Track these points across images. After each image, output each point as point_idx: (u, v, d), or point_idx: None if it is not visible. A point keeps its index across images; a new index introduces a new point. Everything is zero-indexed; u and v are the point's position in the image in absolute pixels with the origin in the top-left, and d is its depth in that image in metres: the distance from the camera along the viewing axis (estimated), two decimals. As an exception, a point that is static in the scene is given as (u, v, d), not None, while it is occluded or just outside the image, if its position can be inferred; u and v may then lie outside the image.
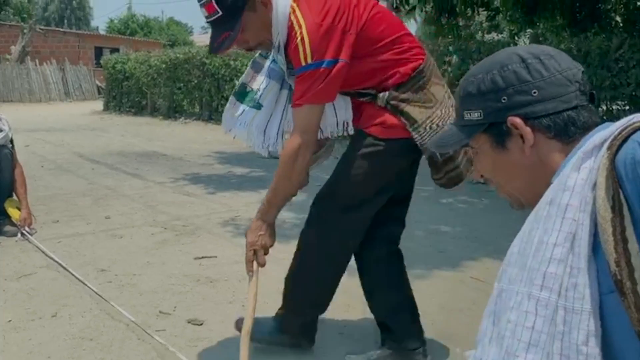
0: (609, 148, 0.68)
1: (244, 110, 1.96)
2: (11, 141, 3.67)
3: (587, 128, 0.79)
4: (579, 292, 0.68)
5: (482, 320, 0.77)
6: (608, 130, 0.72)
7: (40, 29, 22.10)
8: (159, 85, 12.67)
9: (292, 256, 3.04)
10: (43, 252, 3.14)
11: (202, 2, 1.68)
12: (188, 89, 12.02)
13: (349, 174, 1.84)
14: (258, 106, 1.94)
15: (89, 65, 21.75)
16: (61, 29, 26.73)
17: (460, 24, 11.60)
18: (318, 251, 1.91)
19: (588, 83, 0.82)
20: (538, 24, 11.13)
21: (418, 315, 2.04)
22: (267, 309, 2.22)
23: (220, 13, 1.65)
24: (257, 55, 2.03)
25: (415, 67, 1.77)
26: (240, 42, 1.76)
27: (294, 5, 1.69)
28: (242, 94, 1.99)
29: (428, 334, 2.23)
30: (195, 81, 11.74)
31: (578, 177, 0.70)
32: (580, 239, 0.68)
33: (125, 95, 13.99)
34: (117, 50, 21.63)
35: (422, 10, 10.36)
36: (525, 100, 0.80)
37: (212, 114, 11.79)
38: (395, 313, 1.99)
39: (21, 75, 18.26)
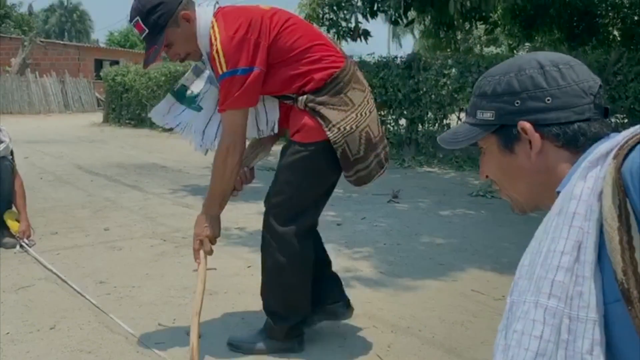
0: (614, 157, 0.68)
1: (184, 110, 2.19)
2: (11, 153, 3.67)
3: (596, 139, 0.79)
4: (584, 301, 0.67)
5: (497, 335, 0.76)
6: (614, 140, 0.72)
7: (40, 41, 22.19)
8: (158, 97, 12.68)
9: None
10: (42, 264, 3.13)
11: (132, 22, 1.96)
12: (188, 101, 12.05)
13: (285, 184, 2.02)
14: (198, 108, 2.16)
15: (88, 77, 21.83)
16: (61, 42, 26.87)
17: (459, 37, 11.70)
18: (279, 262, 2.04)
19: (604, 97, 0.82)
20: (536, 37, 11.23)
21: (333, 274, 2.26)
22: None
23: (147, 31, 1.92)
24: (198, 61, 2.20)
25: (330, 74, 1.94)
26: (171, 55, 2.02)
27: (213, 20, 1.92)
28: (182, 94, 2.21)
29: (428, 347, 2.22)
30: (195, 93, 11.78)
31: (584, 186, 0.70)
32: (586, 247, 0.68)
33: (124, 107, 14.02)
34: (117, 62, 21.71)
35: (420, 24, 10.44)
36: (538, 107, 0.80)
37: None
38: (316, 277, 2.15)
39: (21, 87, 18.31)
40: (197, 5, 1.98)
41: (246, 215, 4.48)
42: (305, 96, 1.94)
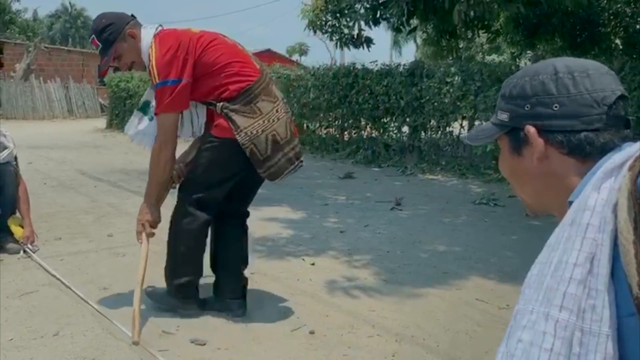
0: (630, 169, 0.68)
1: (145, 119, 2.65)
2: (15, 158, 3.68)
3: (606, 149, 0.78)
4: (597, 314, 0.67)
5: (501, 343, 0.76)
6: (628, 151, 0.72)
7: (45, 47, 22.28)
8: (161, 103, 12.72)
9: (295, 275, 3.06)
10: (45, 269, 3.13)
11: (90, 40, 2.51)
12: (191, 108, 12.09)
13: (198, 165, 2.48)
14: (151, 118, 2.59)
15: (92, 83, 21.89)
16: (65, 47, 26.93)
17: (461, 45, 11.71)
18: (179, 227, 2.48)
19: (624, 108, 0.80)
20: (538, 46, 11.24)
21: (242, 274, 2.63)
22: (271, 327, 2.21)
23: (101, 45, 2.46)
24: None
25: (243, 87, 2.39)
26: (121, 65, 2.54)
27: (152, 41, 2.40)
28: (145, 109, 2.65)
29: (433, 356, 2.21)
30: (198, 100, 11.83)
31: (598, 197, 0.70)
32: (600, 259, 0.68)
33: (128, 113, 14.01)
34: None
35: (423, 32, 10.47)
36: (545, 113, 0.80)
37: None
38: (227, 269, 2.59)
39: (25, 93, 18.35)
40: (143, 27, 2.49)
41: (249, 221, 4.47)
42: (221, 103, 2.39)
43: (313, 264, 3.37)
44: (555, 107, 0.79)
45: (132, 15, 2.55)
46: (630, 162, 0.69)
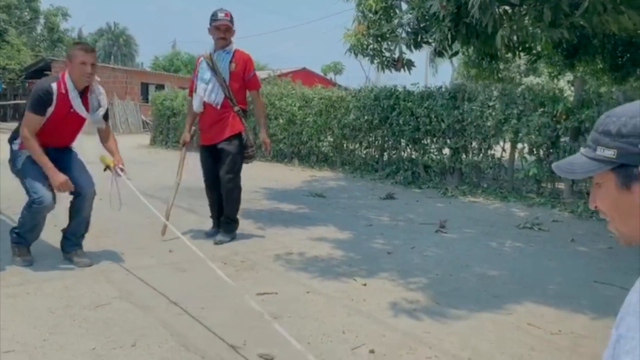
0: None
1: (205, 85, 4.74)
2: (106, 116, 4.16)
3: None
4: None
5: None
6: None
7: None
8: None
9: (349, 295, 3.18)
10: (137, 194, 3.33)
11: (227, 17, 4.54)
12: (232, 126, 12.40)
13: (232, 150, 4.50)
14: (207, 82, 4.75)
15: (135, 100, 22.62)
16: (110, 65, 27.94)
17: (501, 67, 11.71)
18: (237, 188, 4.60)
19: None
20: (578, 67, 11.16)
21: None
22: (332, 346, 2.33)
23: (231, 18, 4.59)
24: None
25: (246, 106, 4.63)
26: (227, 38, 4.60)
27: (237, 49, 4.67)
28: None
29: (491, 378, 2.30)
30: (240, 118, 12.13)
31: None
32: None
33: (172, 130, 14.48)
34: (163, 86, 22.43)
35: (464, 54, 10.55)
36: None
37: (257, 151, 12.11)
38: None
39: (72, 109, 19.13)
40: None
41: (299, 240, 4.63)
42: (237, 107, 4.54)
43: (365, 285, 3.48)
44: None
45: None
46: None
